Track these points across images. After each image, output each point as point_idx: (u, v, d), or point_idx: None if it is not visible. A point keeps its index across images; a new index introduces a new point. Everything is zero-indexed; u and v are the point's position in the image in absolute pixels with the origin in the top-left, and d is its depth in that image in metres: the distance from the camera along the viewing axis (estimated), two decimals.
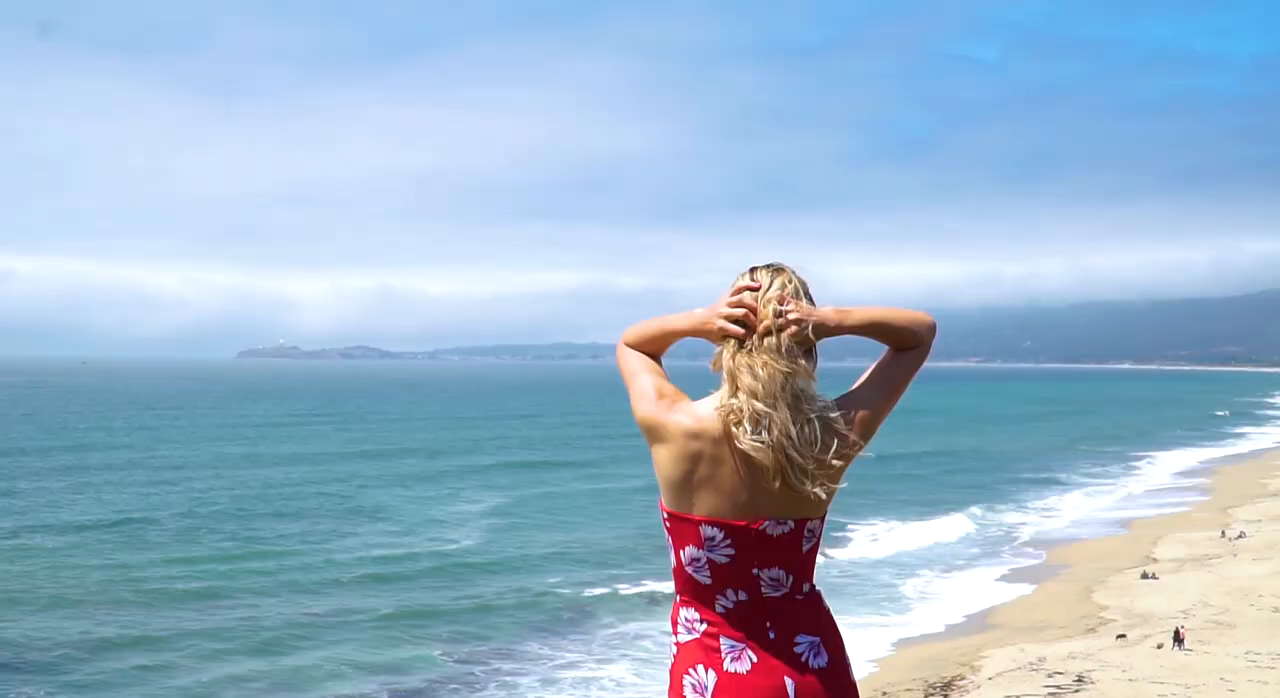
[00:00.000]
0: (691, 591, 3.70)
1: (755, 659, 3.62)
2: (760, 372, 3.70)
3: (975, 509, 58.26)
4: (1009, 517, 56.73)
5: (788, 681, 3.62)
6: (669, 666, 3.70)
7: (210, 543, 47.85)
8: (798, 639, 3.68)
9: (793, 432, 3.60)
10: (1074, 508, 61.21)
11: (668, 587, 39.51)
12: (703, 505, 3.61)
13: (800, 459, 3.59)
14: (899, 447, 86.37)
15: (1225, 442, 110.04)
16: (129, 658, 30.80)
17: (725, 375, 3.79)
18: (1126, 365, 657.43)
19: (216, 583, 40.23)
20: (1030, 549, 48.13)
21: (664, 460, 3.67)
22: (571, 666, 31.01)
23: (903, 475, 72.13)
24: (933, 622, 35.68)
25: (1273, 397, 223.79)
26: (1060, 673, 28.04)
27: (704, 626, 3.65)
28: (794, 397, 3.68)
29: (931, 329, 3.89)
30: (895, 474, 71.00)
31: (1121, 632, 32.66)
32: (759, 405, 3.63)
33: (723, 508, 3.61)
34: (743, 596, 3.65)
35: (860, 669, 30.50)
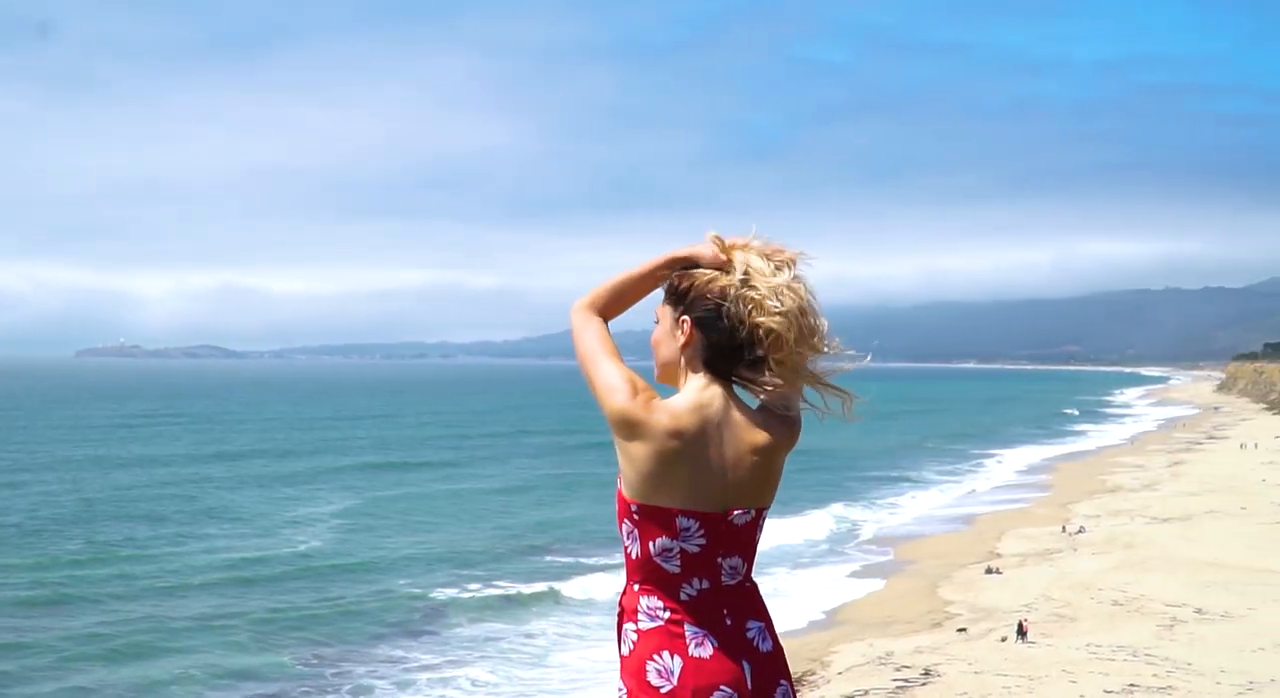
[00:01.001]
0: (656, 580, 3.77)
1: (716, 644, 3.73)
2: (788, 293, 3.79)
3: (825, 508, 58.96)
4: (858, 515, 57.51)
5: (745, 664, 3.76)
6: (627, 653, 3.78)
7: (56, 548, 46.77)
8: (749, 625, 3.84)
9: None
10: (921, 505, 62.25)
11: (526, 587, 39.68)
12: (679, 498, 3.71)
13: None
14: None
15: (1066, 439, 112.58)
16: None
17: (739, 304, 3.81)
18: (971, 364, 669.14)
19: (63, 590, 39.31)
20: (878, 546, 48.88)
21: (640, 457, 3.71)
22: (427, 668, 30.88)
23: None
24: (783, 620, 35.97)
25: (1112, 395, 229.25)
26: (908, 667, 28.59)
27: (668, 613, 3.74)
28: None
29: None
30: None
31: (962, 626, 33.39)
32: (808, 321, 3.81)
33: (698, 500, 3.71)
34: (705, 584, 3.77)
35: None
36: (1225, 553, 43.83)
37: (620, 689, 3.77)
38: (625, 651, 3.77)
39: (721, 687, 3.70)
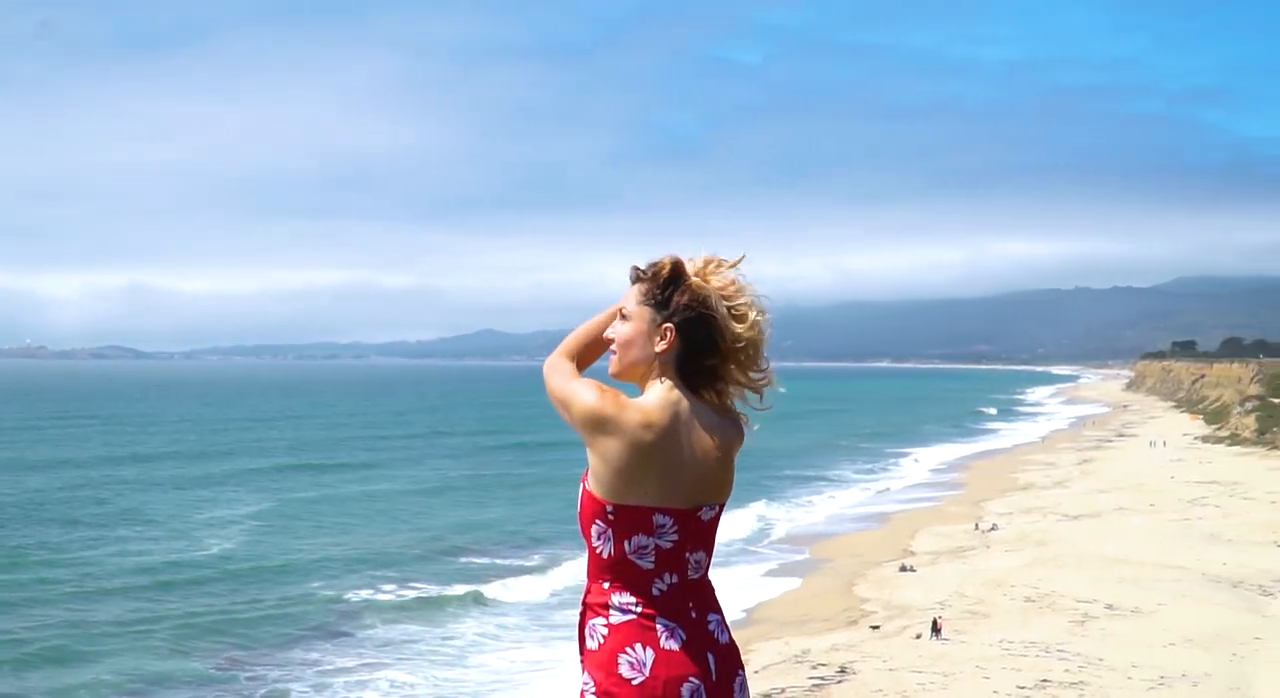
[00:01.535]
0: (628, 577, 3.92)
1: (685, 637, 3.91)
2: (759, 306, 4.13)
3: (741, 507, 59.17)
4: (774, 514, 57.72)
5: (709, 655, 3.95)
6: (596, 648, 3.91)
7: None
8: (709, 618, 4.03)
9: None
10: (836, 504, 62.65)
11: (444, 589, 39.50)
12: (654, 495, 3.88)
13: None
14: None
15: (979, 438, 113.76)
16: None
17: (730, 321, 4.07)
18: (884, 364, 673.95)
19: None
20: (794, 545, 49.11)
21: (614, 453, 3.87)
22: (343, 671, 30.67)
23: None
24: None
25: (1024, 393, 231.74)
26: (824, 665, 28.78)
27: (640, 608, 3.89)
28: None
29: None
30: None
31: (876, 623, 33.67)
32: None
33: (671, 497, 3.90)
34: (674, 579, 3.95)
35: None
36: (1135, 549, 44.45)
37: (586, 683, 3.89)
38: (593, 645, 3.90)
39: (690, 678, 3.87)
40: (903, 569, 41.66)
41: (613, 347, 4.18)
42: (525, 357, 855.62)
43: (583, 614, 4.02)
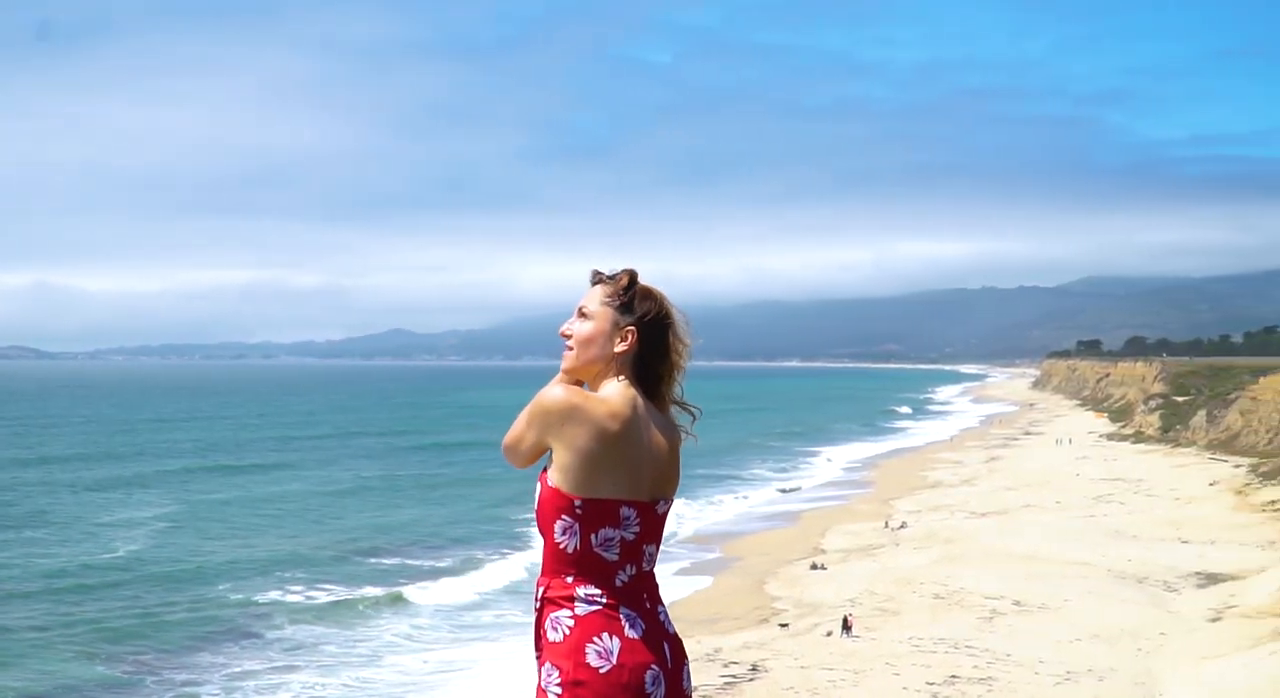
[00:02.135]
0: (593, 569, 4.11)
1: (644, 626, 4.13)
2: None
3: None
4: (686, 512, 57.72)
5: (665, 644, 4.19)
6: (561, 639, 4.06)
7: None
8: (659, 609, 4.28)
9: None
10: (748, 503, 62.93)
11: (356, 591, 39.24)
12: (620, 487, 4.10)
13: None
14: None
15: (887, 436, 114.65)
16: None
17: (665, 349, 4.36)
18: (794, 363, 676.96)
19: None
20: (705, 544, 49.22)
21: (583, 442, 4.06)
22: (252, 674, 30.43)
23: None
24: None
25: (932, 392, 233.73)
26: (735, 663, 28.92)
27: (604, 599, 4.09)
28: None
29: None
30: None
31: (785, 621, 33.88)
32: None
33: (635, 489, 4.14)
34: (633, 570, 4.18)
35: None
36: (1041, 546, 45.01)
37: (549, 674, 4.05)
38: (558, 637, 4.06)
39: (651, 665, 4.08)
40: (813, 567, 41.93)
41: (569, 343, 4.34)
42: (435, 357, 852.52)
43: (541, 609, 4.17)
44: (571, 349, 4.32)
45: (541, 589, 4.19)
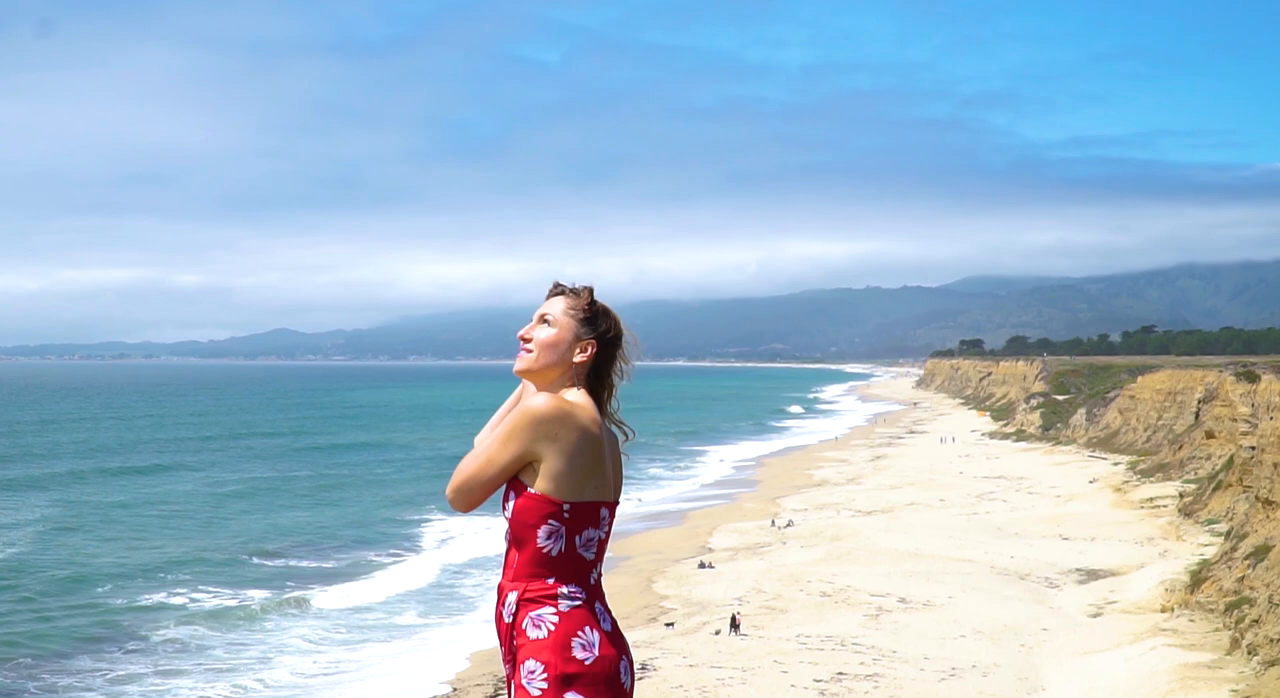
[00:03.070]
0: (573, 569, 4.29)
1: (610, 620, 4.36)
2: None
3: None
4: None
5: (625, 636, 4.42)
6: (545, 635, 4.21)
7: None
8: (607, 604, 4.47)
9: None
10: (635, 502, 62.96)
11: (242, 594, 38.77)
12: (600, 489, 4.34)
13: None
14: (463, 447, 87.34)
15: (773, 435, 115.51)
16: None
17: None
18: (681, 362, 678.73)
19: None
20: None
21: (575, 446, 4.26)
22: (135, 678, 30.03)
23: None
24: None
25: (818, 391, 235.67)
26: None
27: (583, 595, 4.28)
28: None
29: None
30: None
31: (670, 620, 34.00)
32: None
33: (608, 490, 4.39)
34: (600, 568, 4.41)
35: (435, 667, 30.82)
36: (926, 544, 45.58)
37: (533, 670, 4.20)
38: (541, 634, 4.22)
39: (623, 657, 4.29)
40: (701, 566, 42.11)
41: (528, 345, 4.52)
42: (321, 356, 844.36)
43: (518, 610, 4.30)
44: (531, 352, 4.49)
45: (515, 593, 4.31)
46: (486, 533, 51.82)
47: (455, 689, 28.78)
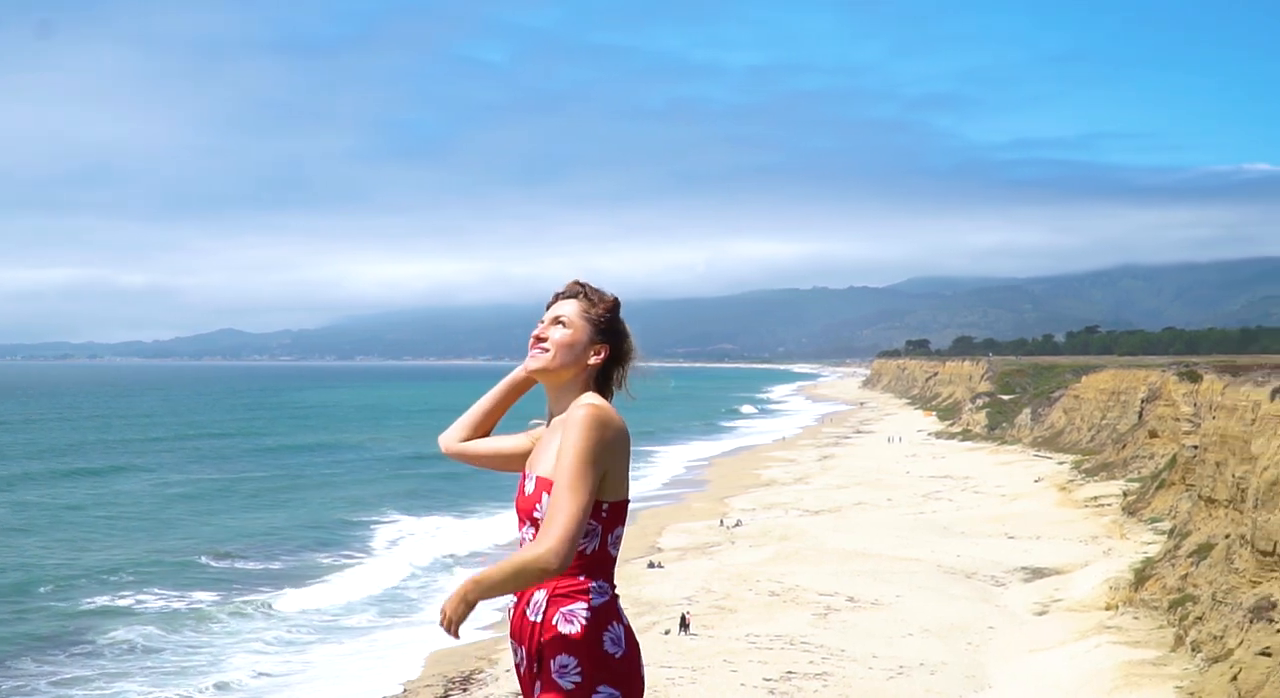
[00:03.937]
0: (603, 566, 4.34)
1: (624, 614, 4.39)
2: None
3: (483, 506, 59.33)
4: None
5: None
6: (578, 630, 4.23)
7: None
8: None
9: None
10: None
11: (191, 596, 38.60)
12: (627, 488, 4.41)
13: None
14: (427, 449, 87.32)
15: (722, 436, 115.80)
16: None
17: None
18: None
19: None
20: None
21: (620, 446, 4.36)
22: (79, 681, 29.84)
23: (441, 476, 73.03)
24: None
25: (766, 391, 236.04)
26: None
27: (610, 590, 4.33)
28: None
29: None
30: (440, 473, 72.40)
31: None
32: None
33: (628, 488, 4.44)
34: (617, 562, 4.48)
35: (386, 669, 30.82)
36: (873, 543, 45.85)
37: (564, 664, 4.23)
38: (573, 629, 4.24)
39: (639, 648, 4.37)
40: (651, 566, 42.21)
41: (544, 344, 4.57)
42: (267, 356, 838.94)
43: (548, 606, 4.30)
44: (548, 351, 4.54)
45: (544, 591, 4.31)
46: (438, 533, 51.87)
47: (406, 691, 28.80)
